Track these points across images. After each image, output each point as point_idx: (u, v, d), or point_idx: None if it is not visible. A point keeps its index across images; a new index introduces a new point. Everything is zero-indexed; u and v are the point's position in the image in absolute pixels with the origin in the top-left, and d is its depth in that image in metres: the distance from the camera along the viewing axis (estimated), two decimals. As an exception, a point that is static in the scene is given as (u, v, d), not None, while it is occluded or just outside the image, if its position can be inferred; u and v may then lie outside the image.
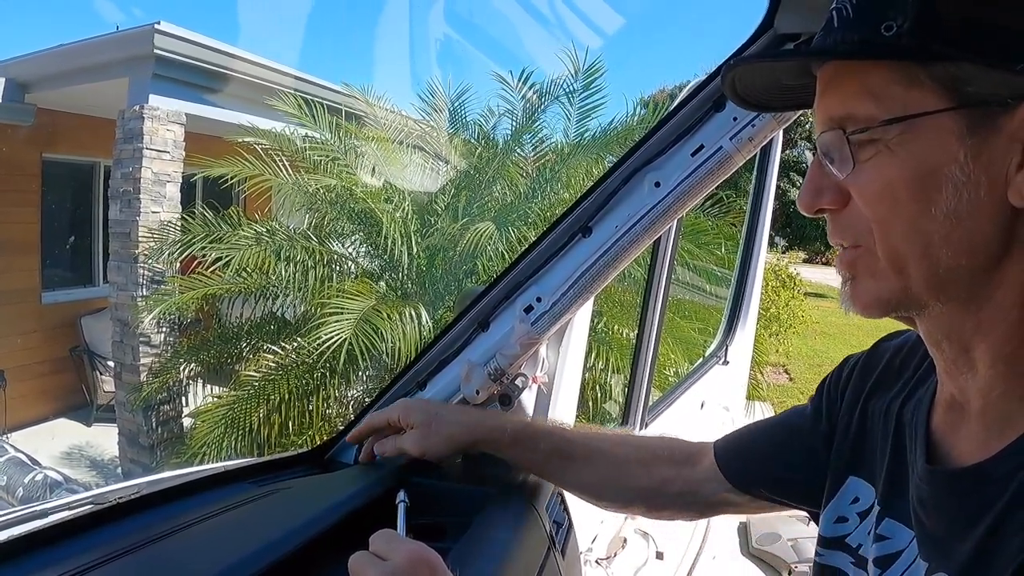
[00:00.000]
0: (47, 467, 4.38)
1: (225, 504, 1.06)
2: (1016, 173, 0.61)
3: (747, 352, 3.20)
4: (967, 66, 0.62)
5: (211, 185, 7.61)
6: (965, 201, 0.63)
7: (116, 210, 7.08)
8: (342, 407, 6.27)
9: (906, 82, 0.64)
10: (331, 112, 6.98)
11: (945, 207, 0.63)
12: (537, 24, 22.12)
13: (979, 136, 0.62)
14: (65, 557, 0.86)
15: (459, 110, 7.30)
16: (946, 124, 0.63)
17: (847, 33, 0.67)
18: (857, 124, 0.67)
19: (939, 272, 0.66)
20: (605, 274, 1.26)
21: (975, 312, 0.67)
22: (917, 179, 0.64)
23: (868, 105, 0.66)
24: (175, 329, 7.17)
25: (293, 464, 1.36)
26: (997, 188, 0.62)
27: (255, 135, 6.63)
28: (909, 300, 0.69)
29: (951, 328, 0.70)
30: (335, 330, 5.30)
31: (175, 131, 7.12)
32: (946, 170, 0.63)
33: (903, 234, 0.66)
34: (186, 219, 6.75)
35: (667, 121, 1.23)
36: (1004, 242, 0.64)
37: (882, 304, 0.70)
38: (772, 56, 0.97)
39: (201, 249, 6.31)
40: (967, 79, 0.62)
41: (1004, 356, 0.67)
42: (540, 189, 6.68)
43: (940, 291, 0.67)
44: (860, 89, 0.67)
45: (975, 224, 0.63)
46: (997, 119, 0.61)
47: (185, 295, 6.32)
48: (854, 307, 0.73)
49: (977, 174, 0.62)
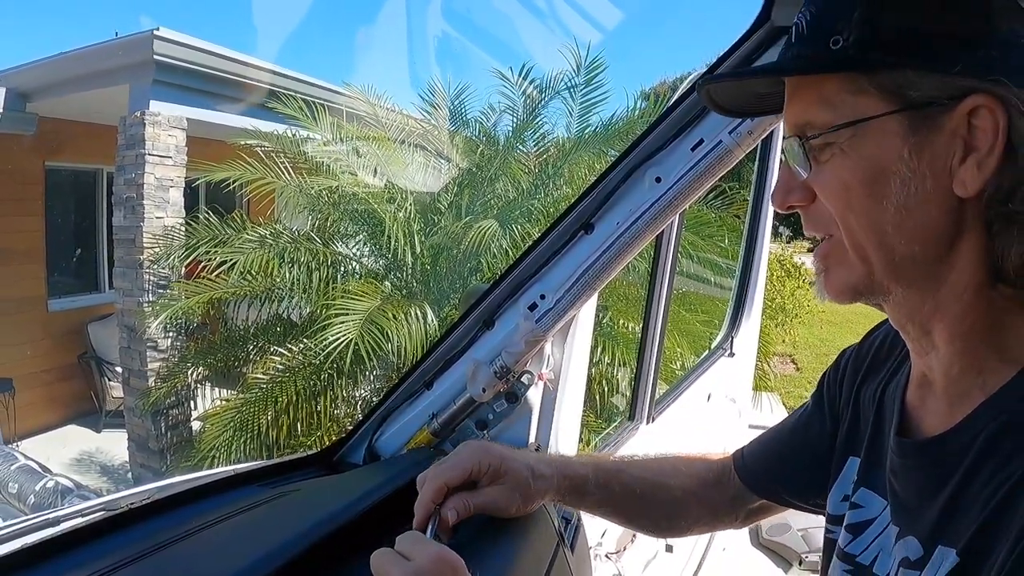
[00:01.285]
0: (58, 474, 4.39)
1: (235, 507, 1.07)
2: (959, 166, 0.68)
3: (753, 343, 3.20)
4: (908, 72, 0.68)
5: (214, 189, 7.62)
6: (912, 194, 0.69)
7: (120, 216, 7.10)
8: (350, 407, 6.28)
9: (854, 90, 0.71)
10: (332, 113, 6.98)
11: (895, 200, 0.70)
12: (536, 19, 22.12)
13: (921, 134, 0.69)
14: (79, 564, 0.86)
15: (460, 108, 7.29)
16: (890, 126, 0.69)
17: (802, 48, 0.75)
18: (815, 129, 0.74)
19: (895, 259, 0.72)
20: (608, 270, 1.27)
21: (932, 295, 0.73)
22: (868, 176, 0.71)
23: (824, 112, 0.73)
24: (182, 333, 7.18)
25: (302, 466, 1.36)
26: (942, 180, 0.68)
27: (257, 138, 6.64)
28: (874, 286, 0.75)
29: (912, 311, 0.76)
30: (341, 331, 5.31)
31: (177, 136, 7.12)
32: (893, 167, 0.70)
33: (861, 226, 0.73)
34: (190, 223, 6.76)
35: (666, 116, 1.23)
36: (954, 230, 0.70)
37: (850, 290, 0.77)
38: (737, 75, 1.03)
39: (206, 253, 6.31)
40: (909, 84, 0.68)
41: (960, 334, 0.73)
42: (543, 185, 6.67)
43: (898, 276, 0.73)
44: (816, 98, 0.74)
45: (924, 214, 0.70)
46: (938, 118, 0.68)
47: (191, 299, 6.32)
48: (827, 295, 0.79)
49: (922, 169, 0.69)
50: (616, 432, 2.50)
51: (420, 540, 0.85)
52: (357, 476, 1.32)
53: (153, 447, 7.00)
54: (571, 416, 1.61)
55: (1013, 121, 0.66)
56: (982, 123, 0.66)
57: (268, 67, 7.89)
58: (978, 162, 0.67)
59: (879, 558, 0.83)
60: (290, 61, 21.57)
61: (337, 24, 47.78)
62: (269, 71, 7.87)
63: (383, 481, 1.18)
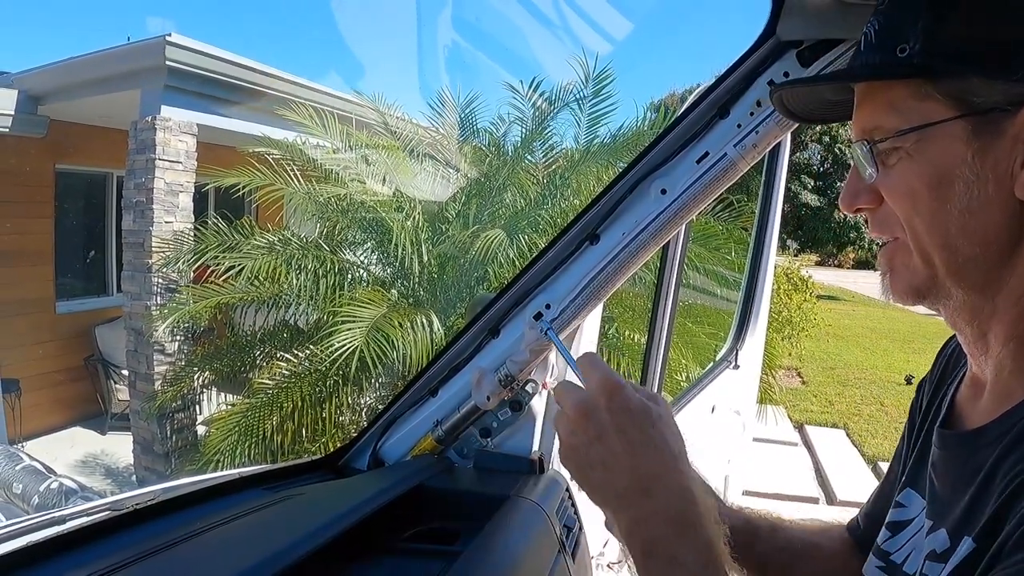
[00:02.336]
0: (62, 475, 4.40)
1: (240, 510, 1.08)
2: (1020, 170, 0.69)
3: (758, 356, 3.20)
4: (972, 79, 0.70)
5: (223, 195, 7.66)
6: (976, 197, 0.71)
7: (129, 220, 7.13)
8: (355, 414, 6.29)
9: (920, 96, 0.73)
10: (342, 121, 7.00)
11: (959, 203, 0.72)
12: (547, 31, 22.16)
13: (984, 139, 0.70)
14: (83, 562, 0.87)
15: (469, 117, 7.31)
16: (955, 131, 0.71)
17: (870, 55, 0.78)
18: (883, 134, 0.76)
19: (959, 261, 0.74)
20: (613, 281, 1.28)
21: (991, 297, 0.75)
22: (933, 179, 0.73)
23: (891, 117, 0.76)
24: (189, 338, 7.21)
25: (307, 470, 1.37)
26: (1004, 184, 0.70)
27: (266, 145, 6.67)
28: (937, 288, 0.77)
29: (971, 313, 0.78)
30: (347, 338, 5.31)
31: (187, 142, 7.16)
32: (957, 170, 0.72)
33: (926, 228, 0.75)
34: (199, 229, 6.78)
35: (672, 129, 1.24)
36: (1016, 232, 0.72)
37: (913, 291, 0.79)
38: (811, 81, 1.05)
39: (214, 258, 6.33)
40: (972, 91, 0.70)
41: (1016, 336, 0.75)
42: (551, 196, 6.68)
43: (961, 279, 0.75)
44: (884, 104, 0.77)
45: (987, 217, 0.72)
46: (1001, 123, 0.70)
47: (198, 304, 6.34)
48: (892, 295, 0.82)
49: (984, 172, 0.71)
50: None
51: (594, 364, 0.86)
52: (361, 481, 1.33)
53: (158, 450, 7.02)
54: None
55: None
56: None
57: (279, 74, 7.93)
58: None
59: (911, 557, 0.84)
60: (301, 69, 21.72)
61: (348, 33, 48.02)
62: (280, 78, 7.91)
63: (387, 486, 1.18)
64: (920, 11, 0.73)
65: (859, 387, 10.89)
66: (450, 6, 23.95)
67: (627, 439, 0.79)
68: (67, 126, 8.05)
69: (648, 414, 0.81)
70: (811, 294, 11.50)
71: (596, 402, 0.81)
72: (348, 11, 42.82)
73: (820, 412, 9.41)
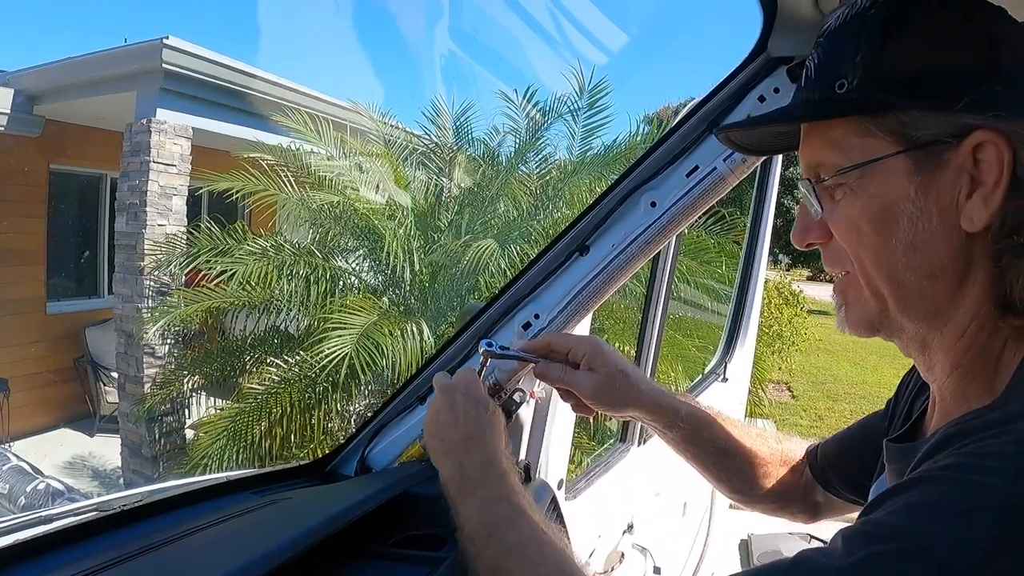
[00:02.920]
0: (49, 476, 4.39)
1: (227, 513, 1.08)
2: (965, 201, 0.69)
3: (746, 369, 3.20)
4: (913, 112, 0.70)
5: (217, 199, 7.65)
6: (921, 231, 0.71)
7: (122, 222, 7.13)
8: (343, 421, 6.28)
9: (861, 132, 0.73)
10: (337, 128, 7.01)
11: (904, 238, 0.72)
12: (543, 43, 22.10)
13: (927, 173, 0.70)
14: (69, 562, 0.87)
15: (463, 127, 7.34)
16: (896, 166, 0.72)
17: (810, 90, 0.78)
18: (827, 171, 0.77)
19: (907, 295, 0.74)
20: (602, 292, 1.28)
21: (939, 329, 0.75)
22: (877, 215, 0.73)
23: (833, 155, 0.76)
24: (179, 341, 7.20)
25: (294, 475, 1.37)
26: (949, 217, 0.70)
27: (261, 150, 6.67)
28: (889, 321, 0.77)
29: (922, 344, 0.78)
30: (337, 345, 5.32)
31: (182, 145, 7.17)
32: (900, 206, 0.72)
33: (872, 263, 0.75)
34: (192, 232, 6.80)
35: (663, 142, 1.26)
36: (963, 264, 0.71)
37: (867, 325, 0.80)
38: (749, 124, 1.05)
39: (206, 262, 6.34)
40: (913, 123, 0.70)
41: (958, 365, 0.75)
42: (543, 207, 6.69)
43: (910, 312, 0.75)
44: (826, 141, 0.77)
45: (933, 251, 0.72)
46: (944, 155, 0.70)
47: (190, 307, 6.34)
48: (847, 328, 0.82)
49: (928, 206, 0.71)
50: (607, 453, 2.50)
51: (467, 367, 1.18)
52: (349, 487, 1.33)
53: (146, 453, 7.00)
54: (562, 435, 1.62)
55: (1018, 155, 0.67)
56: (987, 158, 0.68)
57: (275, 80, 7.94)
58: (984, 197, 0.68)
59: None
60: (297, 75, 21.54)
61: (345, 40, 47.96)
62: (276, 84, 7.92)
63: (374, 492, 1.18)
64: (858, 44, 0.73)
65: (849, 402, 10.89)
66: (448, 17, 23.96)
67: (467, 414, 1.02)
68: (62, 126, 8.05)
69: (486, 404, 1.05)
70: (802, 308, 11.51)
71: (456, 386, 1.06)
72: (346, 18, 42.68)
73: (809, 427, 9.41)
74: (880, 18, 0.73)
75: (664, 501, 2.54)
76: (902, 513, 0.61)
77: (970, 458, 0.60)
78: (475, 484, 0.96)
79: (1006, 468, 0.57)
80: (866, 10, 0.75)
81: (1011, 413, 0.63)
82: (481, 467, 0.97)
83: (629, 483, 2.31)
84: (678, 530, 2.73)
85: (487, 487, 0.95)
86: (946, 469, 0.61)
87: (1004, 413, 0.64)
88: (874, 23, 0.73)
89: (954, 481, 0.59)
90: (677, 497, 2.66)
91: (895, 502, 0.62)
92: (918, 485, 0.62)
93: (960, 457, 0.61)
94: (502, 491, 0.95)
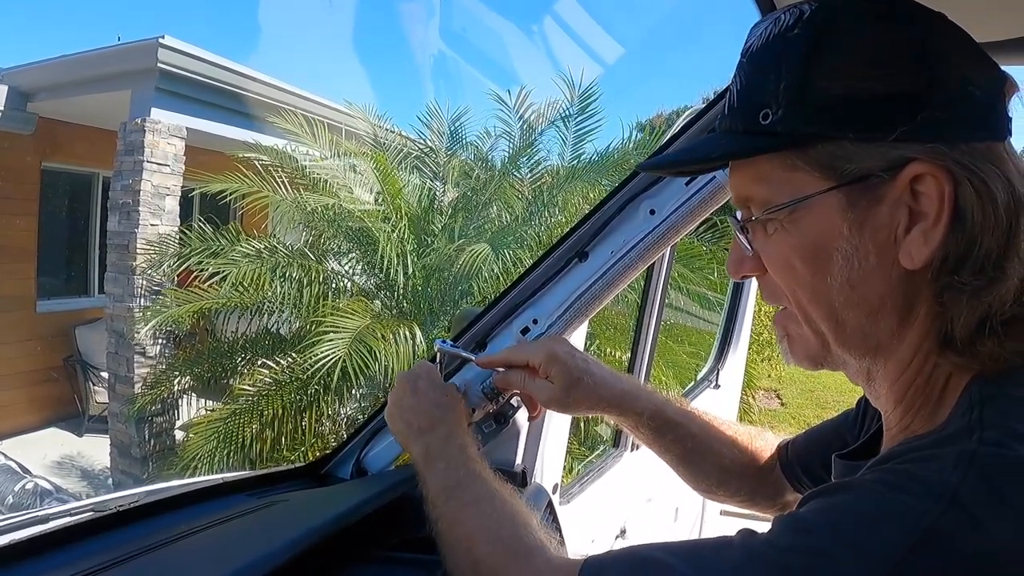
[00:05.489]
0: (38, 476, 4.35)
1: (223, 515, 1.08)
2: (904, 236, 0.65)
3: (738, 376, 3.21)
4: (843, 143, 0.65)
5: (210, 200, 7.64)
6: (857, 269, 0.68)
7: (115, 221, 7.10)
8: (335, 424, 6.27)
9: (788, 167, 0.69)
10: (331, 130, 7.01)
11: (840, 275, 0.68)
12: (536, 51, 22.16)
13: (860, 208, 0.66)
14: (64, 562, 0.87)
15: (458, 131, 7.35)
16: (829, 202, 0.67)
17: (734, 121, 0.72)
18: (757, 206, 0.73)
19: (847, 331, 0.71)
20: (600, 298, 1.29)
21: (882, 364, 0.73)
22: (810, 253, 0.69)
23: (762, 189, 0.72)
24: (170, 342, 7.17)
25: (290, 478, 1.37)
26: (887, 253, 0.66)
27: (255, 151, 6.66)
28: (831, 356, 0.75)
29: (867, 377, 0.76)
30: (329, 348, 5.31)
31: (176, 145, 7.15)
32: (834, 243, 0.68)
33: (809, 300, 0.72)
34: (184, 233, 6.78)
35: (663, 150, 1.26)
36: (902, 301, 0.68)
37: (810, 360, 0.77)
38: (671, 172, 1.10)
39: (198, 263, 6.32)
40: (845, 156, 0.65)
41: (902, 399, 0.73)
42: (536, 212, 6.70)
43: (851, 348, 0.72)
44: (754, 175, 0.72)
45: (872, 287, 0.68)
46: (877, 190, 0.65)
47: (181, 308, 6.32)
48: (792, 361, 0.80)
49: (864, 243, 0.67)
50: (600, 459, 2.51)
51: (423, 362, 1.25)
52: (344, 489, 1.33)
53: (136, 454, 6.96)
54: (557, 440, 1.62)
55: (959, 188, 0.63)
56: (927, 190, 0.64)
57: (271, 81, 7.93)
58: (924, 232, 0.64)
59: None
60: (293, 77, 21.50)
61: (341, 43, 48.02)
62: (271, 85, 7.92)
63: (370, 496, 1.18)
64: (781, 70, 0.67)
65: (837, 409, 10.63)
66: (439, 21, 24.03)
67: (427, 398, 1.13)
68: (56, 124, 8.02)
69: (445, 390, 1.16)
70: (793, 317, 11.52)
71: (417, 374, 1.18)
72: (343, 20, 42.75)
73: (798, 434, 9.43)
74: (804, 40, 0.67)
75: (656, 507, 2.54)
76: (826, 512, 0.63)
77: (895, 475, 0.61)
78: (437, 457, 1.05)
79: (925, 490, 0.57)
80: (789, 29, 0.68)
81: (943, 438, 0.63)
82: (444, 441, 1.07)
83: (622, 488, 2.31)
84: (670, 535, 2.73)
85: (447, 458, 1.04)
86: (874, 481, 0.62)
87: (937, 438, 0.63)
88: (798, 46, 0.67)
89: (877, 493, 0.60)
90: (669, 503, 2.67)
91: (820, 501, 0.64)
92: (849, 490, 0.64)
93: (887, 473, 0.62)
94: (461, 459, 1.04)
